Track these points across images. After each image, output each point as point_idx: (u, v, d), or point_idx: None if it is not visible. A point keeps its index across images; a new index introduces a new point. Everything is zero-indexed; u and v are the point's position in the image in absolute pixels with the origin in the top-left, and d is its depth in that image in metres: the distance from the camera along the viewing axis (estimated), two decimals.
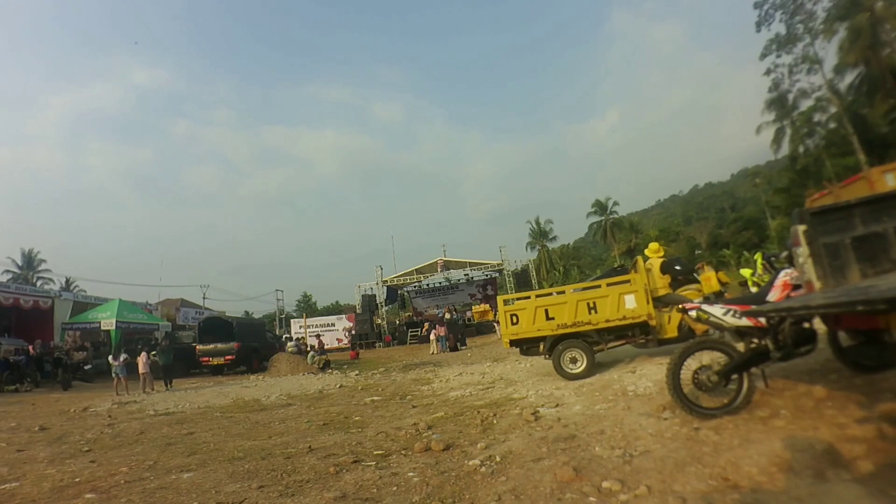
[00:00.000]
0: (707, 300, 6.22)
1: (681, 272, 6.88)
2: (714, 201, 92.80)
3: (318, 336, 22.18)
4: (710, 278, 6.62)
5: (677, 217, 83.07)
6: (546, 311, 7.13)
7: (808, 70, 31.32)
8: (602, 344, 6.92)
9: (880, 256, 3.22)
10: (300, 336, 25.80)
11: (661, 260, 6.87)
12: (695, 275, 7.17)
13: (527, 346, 7.46)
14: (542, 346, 7.21)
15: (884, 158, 23.86)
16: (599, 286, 7.18)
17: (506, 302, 7.67)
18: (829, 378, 3.94)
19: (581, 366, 6.65)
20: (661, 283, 6.91)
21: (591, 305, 6.87)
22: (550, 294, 7.65)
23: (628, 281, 6.98)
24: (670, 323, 6.50)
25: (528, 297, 7.48)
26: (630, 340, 6.88)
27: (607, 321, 6.71)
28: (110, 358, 13.52)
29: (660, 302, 6.74)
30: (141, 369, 13.57)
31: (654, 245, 7.10)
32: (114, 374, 12.95)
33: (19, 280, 42.34)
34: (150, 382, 13.65)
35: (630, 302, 6.64)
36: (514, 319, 7.32)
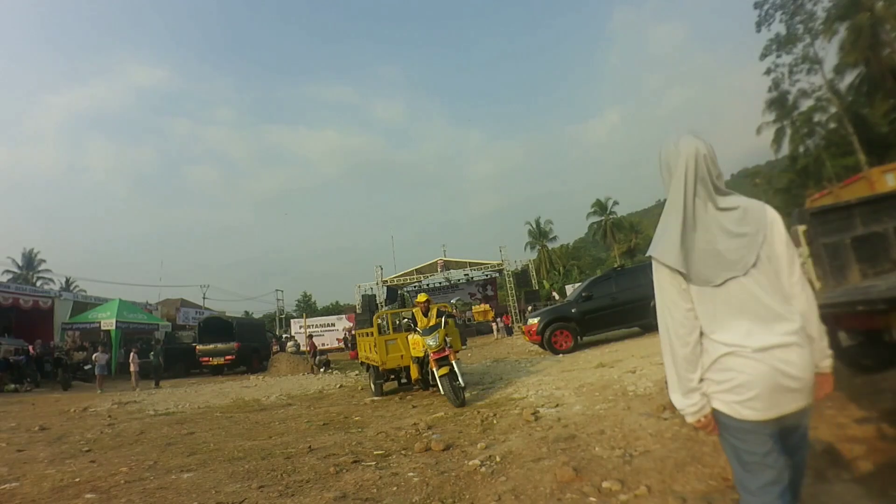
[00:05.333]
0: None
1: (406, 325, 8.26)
2: None
3: (310, 336, 20.11)
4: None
5: None
6: (363, 344, 9.75)
7: (808, 70, 31.33)
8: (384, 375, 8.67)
9: (880, 256, 3.22)
10: (293, 336, 25.24)
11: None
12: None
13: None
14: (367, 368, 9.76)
15: (884, 158, 23.83)
16: (369, 335, 9.19)
17: (360, 335, 10.68)
18: None
19: (373, 386, 8.76)
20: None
21: (370, 346, 8.92)
22: (368, 335, 9.66)
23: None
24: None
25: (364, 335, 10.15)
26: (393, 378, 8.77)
27: (371, 360, 8.76)
28: (94, 356, 14.27)
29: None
30: (132, 367, 14.14)
31: (420, 296, 8.08)
32: (94, 372, 13.81)
33: (19, 280, 42.32)
34: (137, 380, 14.35)
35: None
36: (361, 346, 10.01)
